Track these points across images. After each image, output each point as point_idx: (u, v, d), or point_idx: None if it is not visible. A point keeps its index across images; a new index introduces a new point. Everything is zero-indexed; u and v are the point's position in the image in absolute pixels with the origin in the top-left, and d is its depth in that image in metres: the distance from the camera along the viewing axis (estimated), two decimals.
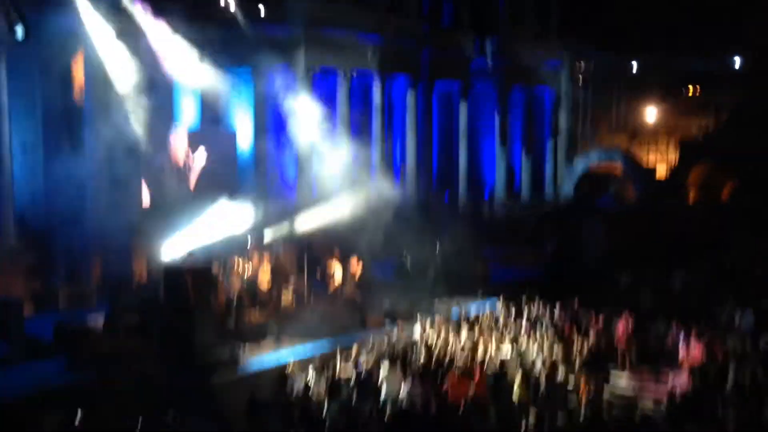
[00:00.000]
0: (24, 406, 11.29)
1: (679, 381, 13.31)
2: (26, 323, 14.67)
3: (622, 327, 15.33)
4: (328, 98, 26.92)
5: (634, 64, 35.58)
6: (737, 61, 33.79)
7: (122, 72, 19.94)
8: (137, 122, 19.97)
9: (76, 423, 9.95)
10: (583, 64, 36.47)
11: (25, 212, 19.97)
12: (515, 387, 12.34)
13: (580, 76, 36.55)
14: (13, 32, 18.52)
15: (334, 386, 11.76)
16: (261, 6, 23.34)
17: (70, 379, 12.42)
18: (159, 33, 20.79)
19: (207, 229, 16.70)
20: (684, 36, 32.59)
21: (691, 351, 14.31)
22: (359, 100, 27.82)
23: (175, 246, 16.66)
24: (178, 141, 20.75)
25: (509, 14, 32.95)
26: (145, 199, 20.31)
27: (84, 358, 12.90)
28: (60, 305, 16.46)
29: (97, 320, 14.18)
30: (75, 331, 13.62)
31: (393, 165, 29.31)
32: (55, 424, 9.99)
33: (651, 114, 36.57)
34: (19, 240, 18.29)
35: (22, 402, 11.44)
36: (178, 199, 19.85)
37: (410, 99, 28.68)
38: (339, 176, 26.09)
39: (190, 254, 16.10)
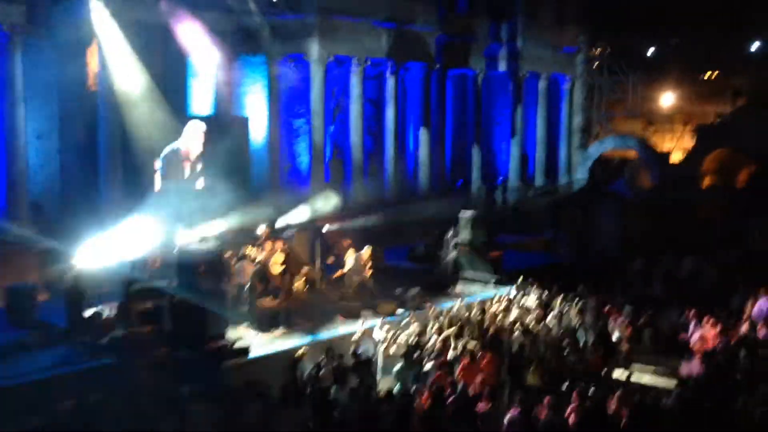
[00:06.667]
0: (38, 390, 11.44)
1: (692, 367, 13.27)
2: (40, 309, 14.86)
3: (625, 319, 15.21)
4: (341, 86, 26.93)
5: (651, 49, 35.20)
6: (755, 44, 33.34)
7: (136, 60, 20.04)
8: (151, 109, 20.07)
9: (90, 407, 10.09)
10: (599, 49, 36.15)
11: (40, 199, 20.19)
12: (530, 371, 12.38)
13: (596, 62, 36.23)
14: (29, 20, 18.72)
15: (343, 371, 11.82)
16: None
17: (84, 365, 12.55)
18: (173, 21, 20.86)
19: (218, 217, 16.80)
20: (701, 20, 32.18)
21: (703, 337, 14.24)
22: (373, 87, 27.76)
23: (187, 232, 16.80)
24: (191, 128, 20.81)
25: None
26: (158, 185, 20.42)
27: (98, 344, 13.04)
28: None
29: (111, 307, 14.30)
30: (89, 318, 13.75)
31: (406, 152, 29.25)
32: (70, 408, 10.11)
33: (667, 99, 36.21)
34: (33, 226, 18.47)
35: (36, 387, 11.58)
36: (189, 185, 19.95)
37: (424, 86, 28.57)
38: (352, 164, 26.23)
39: (203, 239, 16.22)
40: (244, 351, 13.25)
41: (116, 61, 19.87)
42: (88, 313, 13.86)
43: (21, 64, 19.05)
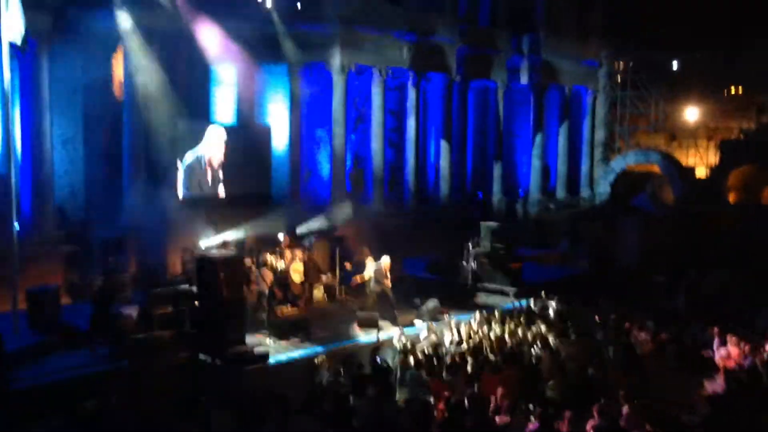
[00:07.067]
0: (60, 392, 11.51)
1: (715, 385, 13.07)
2: (63, 312, 14.97)
3: (644, 335, 15.00)
4: (363, 96, 27.01)
5: (675, 63, 34.98)
6: None
7: (160, 68, 20.24)
8: (174, 117, 20.26)
9: (110, 409, 10.14)
10: (621, 62, 35.99)
11: (65, 204, 20.41)
12: (550, 385, 12.23)
13: (619, 75, 36.06)
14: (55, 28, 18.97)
15: (362, 380, 11.77)
16: (297, 3, 23.53)
17: (106, 367, 12.62)
18: (197, 29, 21.06)
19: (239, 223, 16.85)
20: (725, 35, 31.96)
21: (727, 354, 14.02)
22: (394, 98, 27.81)
23: (208, 238, 16.90)
24: (213, 136, 20.98)
25: (547, 12, 32.66)
26: (180, 192, 20.59)
27: (119, 348, 13.11)
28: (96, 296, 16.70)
29: (132, 311, 14.38)
30: (112, 321, 13.83)
31: (427, 163, 29.26)
32: (90, 409, 10.15)
33: (691, 114, 35.93)
34: (58, 230, 18.66)
35: (58, 388, 11.65)
36: (211, 193, 20.09)
37: (445, 97, 28.60)
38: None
39: (224, 245, 16.30)
40: (264, 357, 13.25)
41: (141, 69, 20.09)
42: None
43: (47, 70, 19.29)
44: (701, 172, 34.35)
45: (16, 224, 14.15)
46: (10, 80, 14.47)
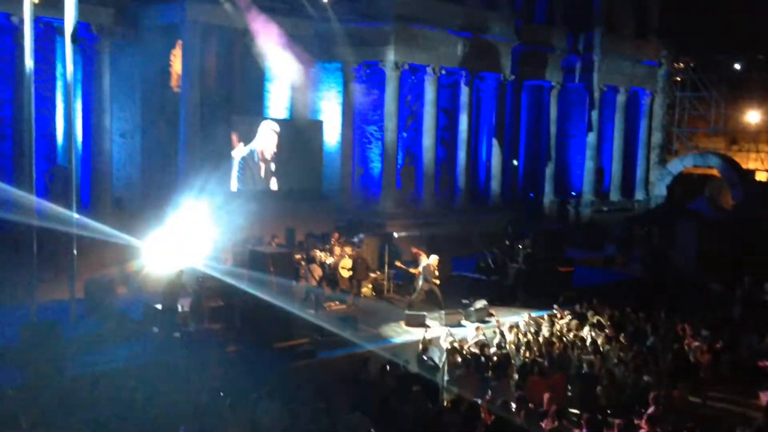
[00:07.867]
0: (113, 379, 11.77)
1: None
2: (119, 303, 15.33)
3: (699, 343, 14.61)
4: (415, 95, 26.96)
5: (736, 65, 33.88)
6: None
7: (216, 64, 20.57)
8: (229, 111, 20.56)
9: (161, 398, 10.34)
10: (681, 63, 35.05)
11: (122, 195, 20.91)
12: (599, 391, 12.05)
13: (678, 76, 35.13)
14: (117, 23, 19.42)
15: (408, 378, 11.77)
16: (353, 2, 23.63)
17: (159, 357, 12.88)
18: (253, 26, 21.31)
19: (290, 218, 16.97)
20: None
21: None
22: (446, 96, 27.69)
23: (260, 231, 17.10)
24: (267, 130, 21.22)
25: (605, 10, 32.05)
26: (233, 185, 20.89)
27: (172, 338, 13.36)
28: (149, 287, 17.06)
29: (184, 303, 14.64)
30: (162, 313, 14.11)
31: (479, 163, 29.06)
32: (145, 397, 10.37)
33: (753, 117, 34.80)
34: (114, 221, 19.09)
35: (111, 376, 11.92)
36: (264, 187, 20.32)
37: (498, 96, 28.33)
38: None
39: (274, 239, 16.48)
40: (311, 353, 13.36)
41: (198, 63, 20.43)
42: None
43: (108, 64, 19.75)
44: (762, 177, 33.29)
45: (75, 215, 14.52)
46: (72, 74, 14.83)
